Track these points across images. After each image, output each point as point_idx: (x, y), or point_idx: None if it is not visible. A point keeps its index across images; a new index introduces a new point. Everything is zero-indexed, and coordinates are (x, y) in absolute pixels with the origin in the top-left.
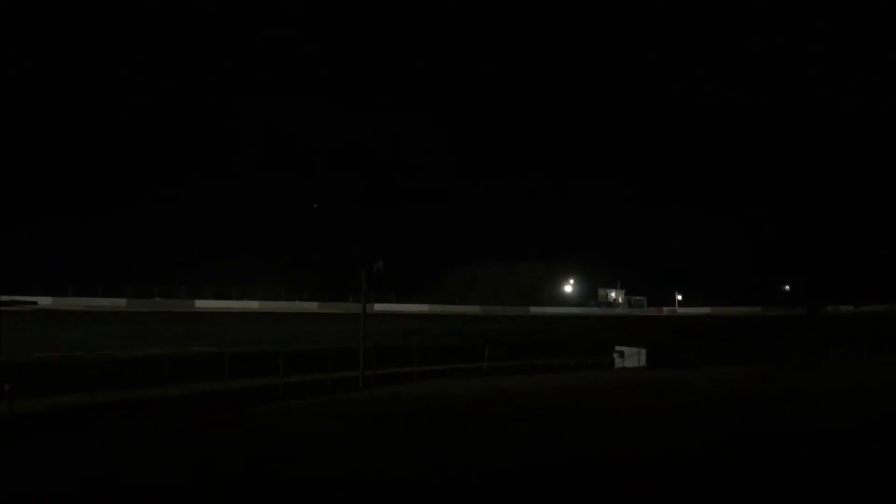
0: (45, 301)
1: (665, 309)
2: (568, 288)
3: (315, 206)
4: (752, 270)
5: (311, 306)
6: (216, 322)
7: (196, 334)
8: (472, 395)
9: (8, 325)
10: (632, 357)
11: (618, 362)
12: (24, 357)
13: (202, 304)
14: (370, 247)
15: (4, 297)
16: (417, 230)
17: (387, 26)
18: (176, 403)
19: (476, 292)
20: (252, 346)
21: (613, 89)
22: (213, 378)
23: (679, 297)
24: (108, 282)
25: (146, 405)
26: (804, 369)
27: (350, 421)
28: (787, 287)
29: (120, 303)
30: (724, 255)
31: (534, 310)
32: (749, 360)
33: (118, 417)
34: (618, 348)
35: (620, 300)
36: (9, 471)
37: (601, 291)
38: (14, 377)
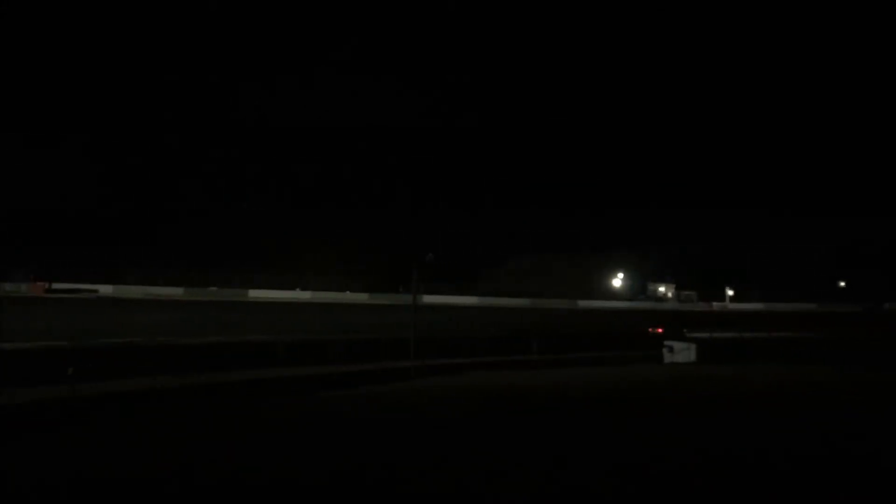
0: (106, 289)
1: (715, 304)
2: (617, 282)
3: None
4: (808, 267)
5: (362, 297)
6: (270, 312)
7: (251, 323)
8: (520, 387)
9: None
10: (682, 352)
11: (667, 357)
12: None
13: (256, 293)
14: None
15: (67, 286)
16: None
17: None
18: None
19: (524, 285)
20: (305, 335)
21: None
22: (270, 365)
23: (730, 293)
24: (164, 270)
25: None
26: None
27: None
28: (842, 284)
29: (177, 292)
30: (778, 250)
31: (582, 303)
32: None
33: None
34: (667, 343)
35: (670, 294)
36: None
37: (650, 286)
38: (77, 362)
